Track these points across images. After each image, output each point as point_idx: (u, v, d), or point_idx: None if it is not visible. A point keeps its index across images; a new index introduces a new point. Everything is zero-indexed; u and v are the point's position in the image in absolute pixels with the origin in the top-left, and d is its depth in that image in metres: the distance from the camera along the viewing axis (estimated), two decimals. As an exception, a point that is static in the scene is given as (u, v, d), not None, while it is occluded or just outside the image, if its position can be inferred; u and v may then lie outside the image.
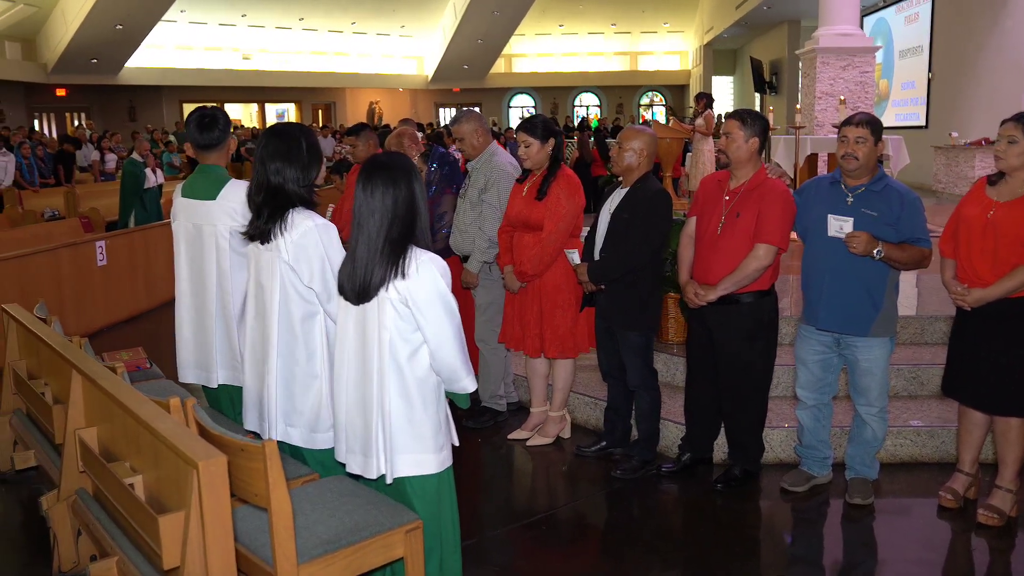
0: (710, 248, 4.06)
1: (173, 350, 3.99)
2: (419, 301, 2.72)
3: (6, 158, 13.34)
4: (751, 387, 4.17)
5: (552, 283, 4.52)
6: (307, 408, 3.20)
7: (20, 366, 4.35)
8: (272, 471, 2.39)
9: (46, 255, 7.25)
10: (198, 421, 2.73)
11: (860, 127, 3.84)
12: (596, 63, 31.83)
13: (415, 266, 2.73)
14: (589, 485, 4.48)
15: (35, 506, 4.13)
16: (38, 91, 24.10)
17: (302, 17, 27.06)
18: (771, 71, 25.29)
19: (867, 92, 13.13)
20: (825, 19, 13.17)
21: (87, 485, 3.38)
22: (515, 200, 4.60)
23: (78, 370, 3.34)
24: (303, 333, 3.17)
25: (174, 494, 2.56)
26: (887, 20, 19.02)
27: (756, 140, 4.00)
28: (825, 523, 4.16)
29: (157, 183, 11.15)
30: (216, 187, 3.71)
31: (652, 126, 13.64)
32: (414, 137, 5.66)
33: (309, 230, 3.11)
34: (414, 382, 2.79)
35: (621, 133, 4.38)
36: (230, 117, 3.96)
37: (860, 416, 4.11)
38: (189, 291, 3.82)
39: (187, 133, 3.85)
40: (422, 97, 31.49)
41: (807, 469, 4.31)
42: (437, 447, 2.84)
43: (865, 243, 3.76)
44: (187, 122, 3.85)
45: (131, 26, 21.74)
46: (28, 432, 4.23)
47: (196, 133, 3.76)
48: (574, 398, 5.14)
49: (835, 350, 4.08)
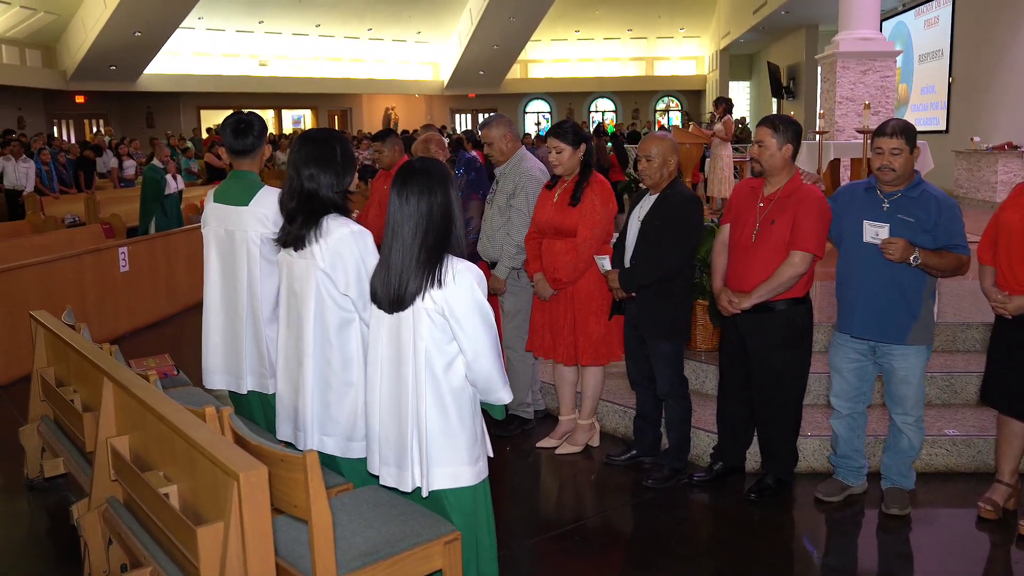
0: (744, 255, 4.00)
1: (198, 356, 3.96)
2: (456, 311, 2.68)
3: (27, 165, 13.40)
4: (784, 395, 4.11)
5: (585, 290, 4.47)
6: (343, 416, 3.16)
7: (48, 373, 4.34)
8: (313, 482, 2.35)
9: (70, 261, 7.26)
10: (234, 430, 2.70)
11: (895, 137, 3.77)
12: (612, 68, 31.77)
13: (451, 275, 2.69)
14: (619, 494, 4.43)
15: (64, 513, 4.13)
16: (58, 98, 24.25)
17: (319, 23, 27.14)
18: (788, 76, 25.17)
19: (888, 97, 13.03)
20: (845, 23, 13.08)
21: (118, 493, 3.36)
22: (545, 206, 4.55)
23: (110, 378, 3.32)
24: (339, 341, 3.14)
25: (211, 504, 2.53)
26: (906, 24, 18.90)
27: (790, 147, 3.95)
28: (860, 534, 4.09)
29: (177, 189, 11.18)
30: (249, 193, 3.69)
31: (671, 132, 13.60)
32: (441, 143, 5.63)
33: (345, 236, 3.08)
34: (450, 393, 2.75)
35: (640, 146, 4.33)
36: (266, 124, 3.93)
37: (896, 425, 4.04)
38: (220, 296, 3.79)
39: (223, 138, 3.84)
40: (437, 103, 31.51)
41: (841, 479, 4.24)
42: (473, 459, 2.80)
43: (902, 249, 3.70)
44: (222, 127, 3.84)
45: (150, 33, 21.84)
46: (56, 439, 4.22)
47: (231, 139, 3.74)
48: (603, 406, 5.10)
49: (870, 358, 4.02)
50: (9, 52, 21.29)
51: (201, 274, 9.29)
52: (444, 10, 27.31)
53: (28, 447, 4.51)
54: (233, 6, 24.79)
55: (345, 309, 3.13)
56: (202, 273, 3.88)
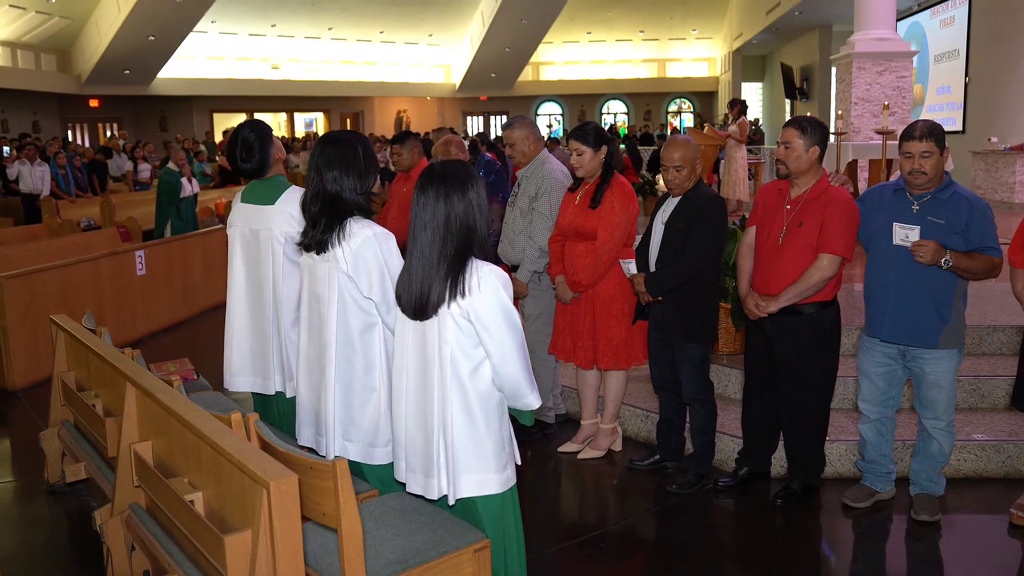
0: (771, 258, 3.95)
1: (216, 360, 3.94)
2: (482, 316, 2.64)
3: (42, 168, 13.45)
4: (812, 400, 4.05)
5: (606, 293, 4.42)
6: (365, 422, 3.13)
7: (69, 377, 4.33)
8: (343, 490, 2.31)
9: (87, 265, 7.26)
10: (261, 436, 2.66)
11: (924, 140, 3.70)
12: (624, 70, 31.71)
13: (476, 280, 2.64)
14: (643, 500, 4.38)
15: (85, 518, 4.11)
16: (72, 102, 24.37)
17: (331, 27, 27.19)
18: (801, 77, 25.06)
19: (904, 97, 12.96)
20: (861, 24, 13.01)
21: (140, 499, 3.33)
22: (567, 209, 4.51)
23: (133, 383, 3.29)
24: (361, 345, 3.10)
25: (238, 512, 2.50)
26: (921, 24, 18.79)
27: (817, 149, 3.89)
28: (889, 540, 4.03)
29: (192, 192, 11.18)
30: (276, 192, 3.68)
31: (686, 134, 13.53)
32: (461, 145, 5.61)
33: (368, 239, 3.04)
34: (476, 399, 2.71)
35: (663, 153, 4.25)
36: (264, 125, 3.88)
37: (926, 430, 3.98)
38: (245, 297, 3.77)
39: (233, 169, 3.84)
40: (449, 105, 31.52)
41: (869, 484, 4.18)
42: (500, 466, 2.75)
43: (933, 252, 3.64)
44: (228, 155, 3.82)
45: (163, 37, 21.95)
46: (78, 444, 4.19)
47: (240, 169, 3.74)
48: (625, 410, 5.05)
49: (900, 362, 3.96)
50: (24, 57, 21.42)
51: (217, 277, 9.34)
52: (456, 13, 27.32)
53: (49, 452, 4.49)
54: (246, 10, 24.87)
55: (368, 313, 3.10)
56: (218, 276, 3.87)
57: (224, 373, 3.87)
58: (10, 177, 13.51)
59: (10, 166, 13.65)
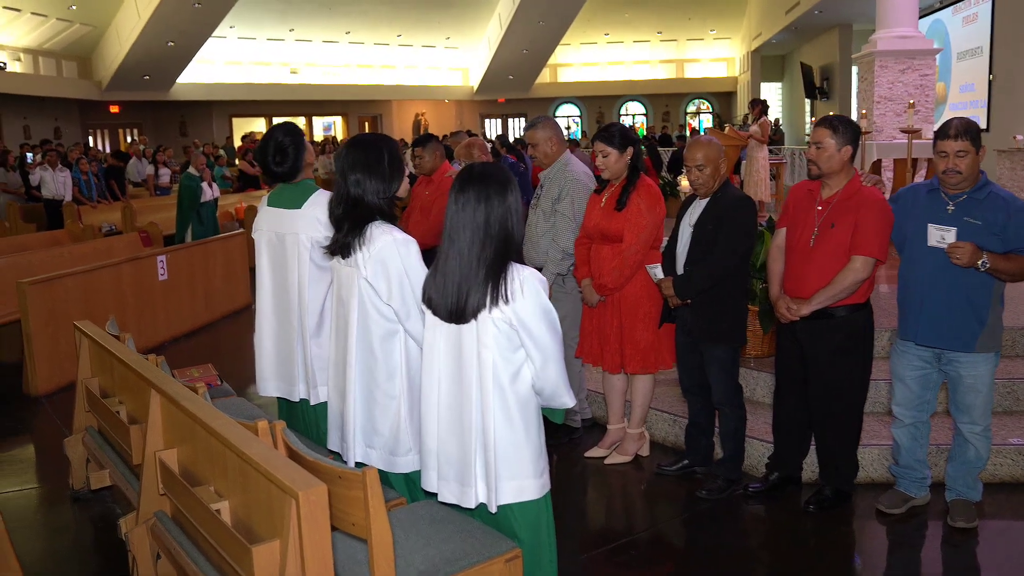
0: (802, 260, 3.87)
1: (239, 365, 3.92)
2: (526, 321, 2.59)
3: (63, 174, 13.52)
4: (844, 404, 3.97)
5: (632, 296, 4.36)
6: (386, 430, 3.08)
7: (93, 384, 4.31)
8: (373, 500, 2.27)
9: (109, 270, 7.26)
10: (288, 445, 2.62)
11: (960, 139, 3.60)
12: (642, 71, 31.61)
13: (518, 285, 2.60)
14: (672, 506, 4.31)
15: (110, 525, 4.09)
16: (93, 108, 24.55)
17: (349, 31, 27.26)
18: (821, 76, 24.87)
19: (927, 96, 12.80)
20: (883, 22, 12.87)
21: (166, 507, 3.30)
22: (593, 211, 4.45)
23: (158, 390, 3.26)
24: (382, 352, 3.06)
25: (265, 522, 2.46)
26: (943, 22, 18.59)
27: (849, 148, 3.81)
28: (924, 547, 3.95)
29: (213, 197, 11.20)
30: (303, 196, 3.64)
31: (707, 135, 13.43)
32: (484, 148, 5.57)
33: (387, 244, 2.99)
34: (516, 404, 2.66)
35: (686, 154, 4.20)
36: (298, 129, 3.83)
37: (962, 435, 3.89)
38: (272, 302, 3.73)
39: (264, 172, 3.80)
40: (467, 108, 31.52)
41: (903, 490, 4.10)
42: (538, 471, 2.71)
43: (970, 254, 3.56)
44: (260, 161, 3.78)
45: (182, 43, 22.07)
46: (102, 451, 4.17)
47: (270, 171, 3.70)
48: (652, 414, 4.97)
49: (935, 366, 3.87)
50: (46, 64, 21.60)
51: (238, 281, 9.32)
52: (473, 15, 27.32)
53: (73, 458, 4.48)
54: (264, 15, 24.97)
55: (389, 320, 3.05)
56: (239, 280, 3.83)
57: (257, 378, 3.84)
58: (32, 183, 13.59)
59: (32, 172, 13.73)
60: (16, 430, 5.81)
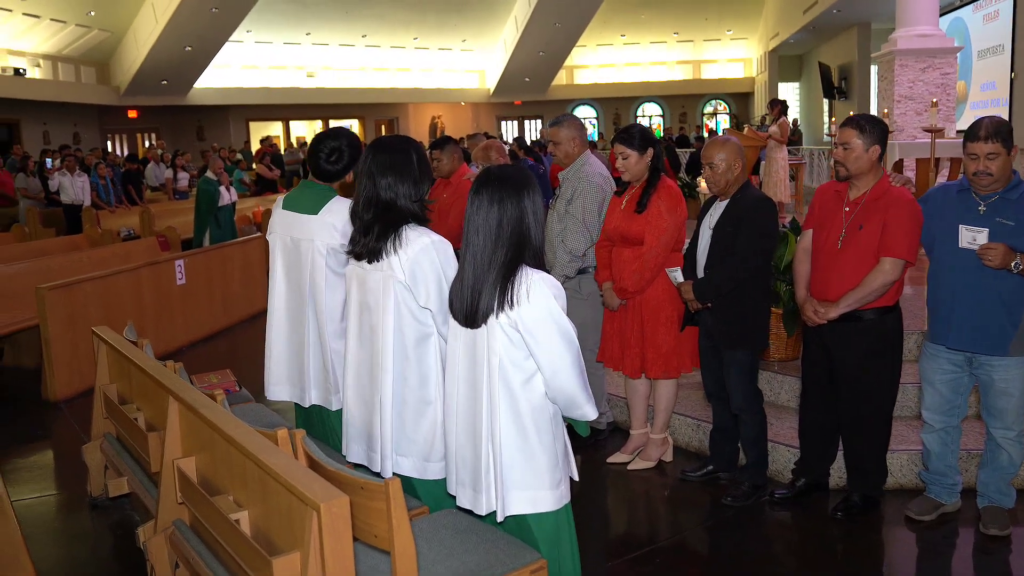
0: (830, 262, 3.79)
1: (257, 370, 3.87)
2: (530, 326, 2.53)
3: (82, 179, 13.57)
4: (874, 409, 3.89)
5: (653, 299, 4.29)
6: (420, 436, 3.01)
7: (111, 390, 4.28)
8: (396, 512, 2.21)
9: (128, 275, 7.26)
10: (309, 454, 2.57)
11: (990, 141, 3.51)
12: (658, 73, 31.47)
13: (525, 289, 2.54)
14: (697, 512, 4.24)
15: (128, 532, 4.07)
16: (111, 113, 24.66)
17: (365, 34, 27.27)
18: (840, 76, 24.66)
19: (948, 95, 12.67)
20: (903, 20, 12.74)
21: (184, 516, 3.26)
22: (613, 213, 4.39)
23: (176, 397, 3.22)
24: (416, 356, 3.00)
25: (286, 533, 2.41)
26: (964, 19, 18.38)
27: (877, 148, 3.73)
28: (955, 555, 3.87)
29: (231, 201, 11.19)
30: (320, 202, 3.57)
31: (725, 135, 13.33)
32: (501, 150, 5.51)
33: (426, 247, 2.94)
34: (528, 411, 2.60)
35: (703, 152, 4.14)
36: (359, 147, 3.70)
37: (995, 440, 3.80)
38: (285, 306, 3.68)
39: (309, 158, 3.73)
40: (484, 111, 31.47)
41: (934, 496, 4.00)
42: (554, 483, 2.64)
43: (1002, 255, 3.47)
44: (312, 145, 3.71)
45: (200, 48, 22.13)
46: (120, 458, 4.14)
47: (321, 164, 3.61)
48: (675, 419, 4.90)
49: (966, 370, 3.78)
50: (65, 70, 21.71)
51: (256, 285, 9.28)
52: (489, 18, 27.27)
53: (91, 465, 4.45)
54: (280, 19, 25.00)
55: (423, 323, 2.99)
56: (257, 284, 3.78)
57: (264, 381, 3.79)
58: (52, 189, 13.65)
59: (51, 178, 13.79)
60: (35, 436, 5.81)
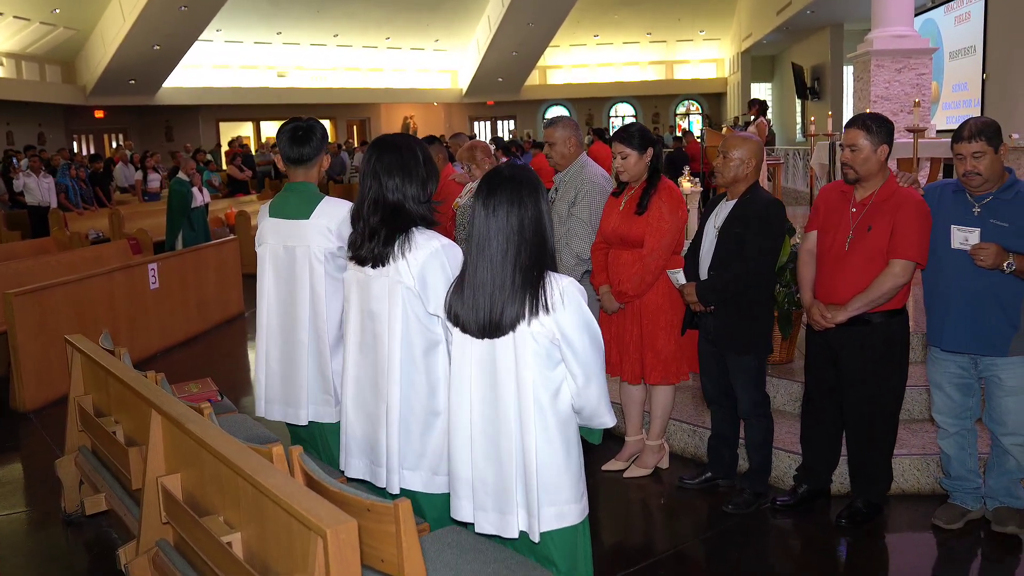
0: (836, 265, 3.69)
1: (235, 376, 3.70)
2: (568, 334, 2.41)
3: (47, 180, 13.24)
4: (881, 413, 3.79)
5: (653, 304, 4.17)
6: (429, 448, 2.85)
7: (86, 401, 4.08)
8: (407, 536, 2.06)
9: (100, 279, 7.00)
10: (307, 473, 2.41)
11: (974, 140, 3.45)
12: (631, 73, 31.46)
13: (558, 294, 2.41)
14: (697, 521, 4.13)
15: (106, 551, 3.87)
16: (77, 113, 24.19)
17: (337, 34, 26.99)
18: (812, 76, 24.77)
19: (924, 95, 12.72)
20: (878, 21, 12.79)
21: (168, 535, 3.09)
22: (611, 215, 4.26)
23: (159, 411, 3.04)
24: (425, 365, 2.83)
25: (284, 557, 2.25)
26: (935, 21, 18.49)
27: (885, 147, 3.63)
28: (966, 561, 3.78)
29: (204, 202, 10.95)
30: (310, 205, 3.37)
31: (704, 136, 13.29)
32: (487, 150, 5.36)
33: (435, 251, 2.79)
34: (557, 425, 2.47)
35: (724, 142, 4.03)
36: (327, 131, 3.57)
37: (1001, 445, 3.71)
38: (277, 320, 3.46)
39: (278, 144, 3.54)
40: (456, 111, 31.29)
41: (960, 503, 3.89)
42: (578, 495, 2.52)
43: (994, 255, 3.40)
44: (279, 133, 3.52)
45: (168, 47, 21.74)
46: (97, 473, 3.95)
47: (287, 146, 3.42)
48: (671, 425, 4.78)
49: (973, 372, 3.70)
50: (29, 68, 21.23)
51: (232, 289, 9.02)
52: (462, 18, 27.11)
53: (65, 480, 4.23)
54: (251, 18, 24.65)
55: (431, 331, 2.83)
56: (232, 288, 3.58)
57: (256, 400, 3.58)
58: (16, 189, 13.30)
59: (16, 178, 13.45)
60: (3, 448, 5.57)
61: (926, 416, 4.60)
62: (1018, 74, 14.86)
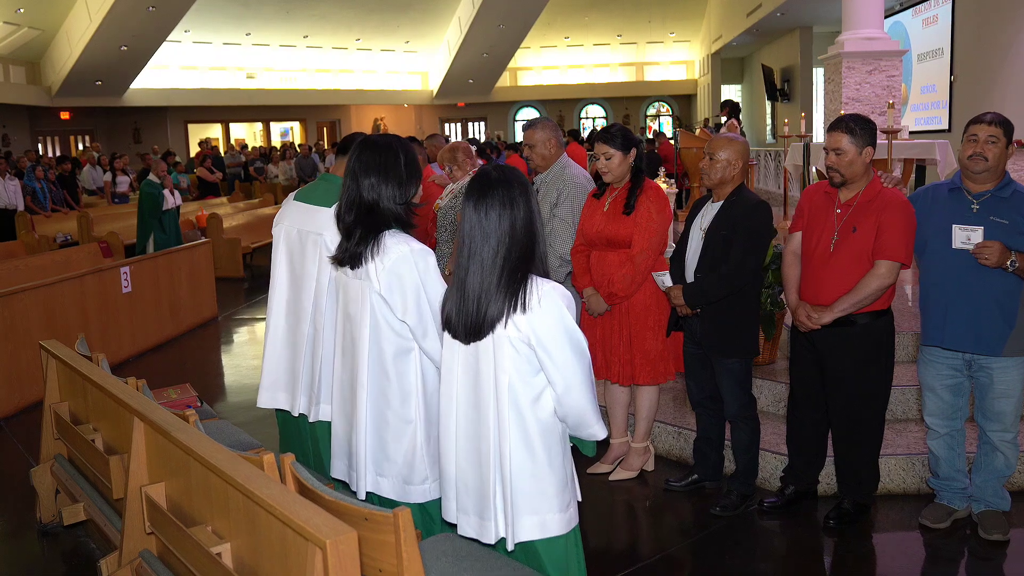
0: (821, 266, 3.69)
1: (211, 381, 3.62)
2: (544, 339, 2.37)
3: (13, 183, 12.99)
4: (867, 414, 3.80)
5: (641, 304, 4.15)
6: (400, 456, 2.83)
7: (63, 408, 3.98)
8: (407, 546, 2.02)
9: (71, 283, 6.86)
10: (300, 480, 2.36)
11: (993, 126, 3.48)
12: (602, 75, 31.53)
13: (536, 297, 2.38)
14: (684, 523, 4.12)
15: (84, 562, 3.79)
16: (42, 114, 23.77)
17: (306, 35, 26.77)
18: (782, 78, 24.97)
19: (894, 96, 12.86)
20: (849, 23, 12.92)
21: (151, 546, 3.02)
22: (594, 216, 4.23)
23: (142, 418, 2.98)
24: (396, 373, 2.81)
25: (278, 569, 2.20)
26: (903, 24, 18.72)
27: (870, 149, 3.64)
28: (953, 561, 3.79)
29: (175, 204, 10.79)
30: (335, 194, 3.34)
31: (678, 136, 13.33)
32: (468, 151, 5.32)
33: (404, 256, 2.75)
34: (537, 431, 2.44)
35: (709, 143, 4.03)
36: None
37: (990, 443, 3.73)
38: (285, 305, 3.43)
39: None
40: (427, 112, 31.18)
41: (946, 503, 3.91)
42: (563, 505, 2.49)
43: (999, 253, 3.41)
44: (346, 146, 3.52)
45: (136, 47, 21.44)
46: (74, 481, 3.86)
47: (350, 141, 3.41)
48: (656, 427, 4.77)
49: (965, 373, 3.72)
50: (-8, 69, 20.87)
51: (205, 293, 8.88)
52: (433, 19, 27.01)
53: (41, 489, 4.13)
54: (220, 19, 24.38)
55: (403, 337, 2.81)
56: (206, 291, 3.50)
57: (261, 386, 3.52)
58: (-19, 192, 13.04)
59: (-20, 181, 13.18)
60: (-27, 457, 5.44)
61: (912, 416, 4.63)
62: (985, 76, 15.07)
